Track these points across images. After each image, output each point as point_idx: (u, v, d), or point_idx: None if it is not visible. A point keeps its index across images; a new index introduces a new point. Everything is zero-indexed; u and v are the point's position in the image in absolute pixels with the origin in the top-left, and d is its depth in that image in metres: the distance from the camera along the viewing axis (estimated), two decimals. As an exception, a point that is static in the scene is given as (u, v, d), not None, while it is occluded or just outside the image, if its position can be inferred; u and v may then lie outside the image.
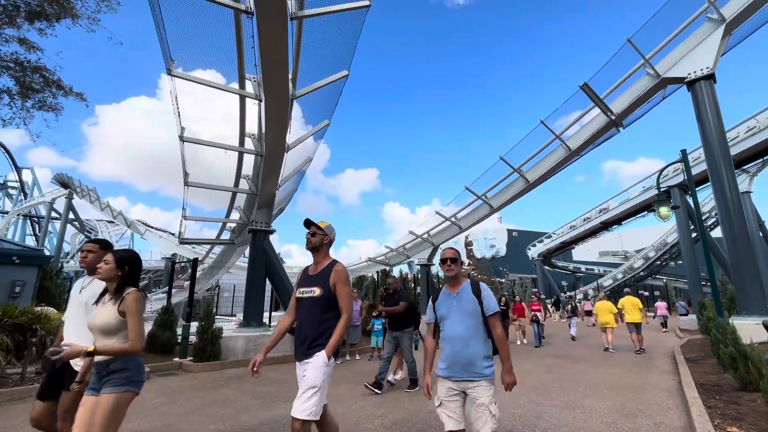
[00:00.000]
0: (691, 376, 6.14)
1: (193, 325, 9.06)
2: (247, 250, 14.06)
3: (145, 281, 38.80)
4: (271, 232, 10.83)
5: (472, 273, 42.78)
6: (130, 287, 2.42)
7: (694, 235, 20.82)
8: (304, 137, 9.78)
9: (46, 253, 13.89)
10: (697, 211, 8.23)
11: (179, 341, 9.02)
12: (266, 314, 11.30)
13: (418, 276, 22.10)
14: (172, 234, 32.32)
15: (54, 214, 38.54)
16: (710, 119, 10.09)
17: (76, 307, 2.78)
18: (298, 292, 2.76)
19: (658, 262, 37.19)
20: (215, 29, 6.53)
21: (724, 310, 7.62)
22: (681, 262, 27.75)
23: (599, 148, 14.55)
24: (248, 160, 10.33)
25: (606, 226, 30.90)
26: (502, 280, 50.88)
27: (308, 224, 2.85)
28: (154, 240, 32.66)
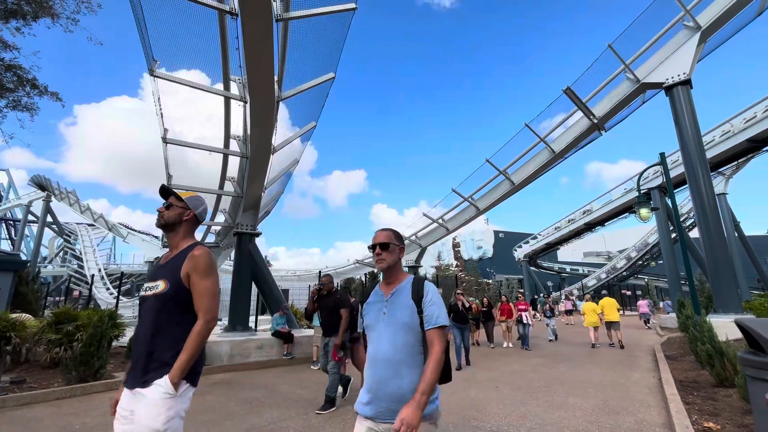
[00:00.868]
0: (671, 373, 6.33)
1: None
2: (232, 254, 13.87)
3: (127, 285, 37.80)
4: (257, 234, 10.69)
5: (460, 274, 43.02)
6: None
7: (673, 235, 21.45)
8: (291, 139, 9.71)
9: (23, 258, 13.42)
10: (676, 213, 8.48)
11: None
12: (252, 318, 11.14)
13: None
14: (156, 237, 31.63)
15: (31, 217, 37.35)
16: (687, 123, 10.45)
17: None
18: (142, 289, 1.92)
19: (640, 262, 38.25)
20: (199, 30, 6.44)
21: (701, 309, 7.84)
22: (662, 261, 28.52)
23: (583, 151, 14.89)
24: (233, 162, 10.20)
25: (590, 227, 31.53)
26: (489, 281, 51.41)
27: (165, 193, 2.00)
28: (136, 243, 31.90)
